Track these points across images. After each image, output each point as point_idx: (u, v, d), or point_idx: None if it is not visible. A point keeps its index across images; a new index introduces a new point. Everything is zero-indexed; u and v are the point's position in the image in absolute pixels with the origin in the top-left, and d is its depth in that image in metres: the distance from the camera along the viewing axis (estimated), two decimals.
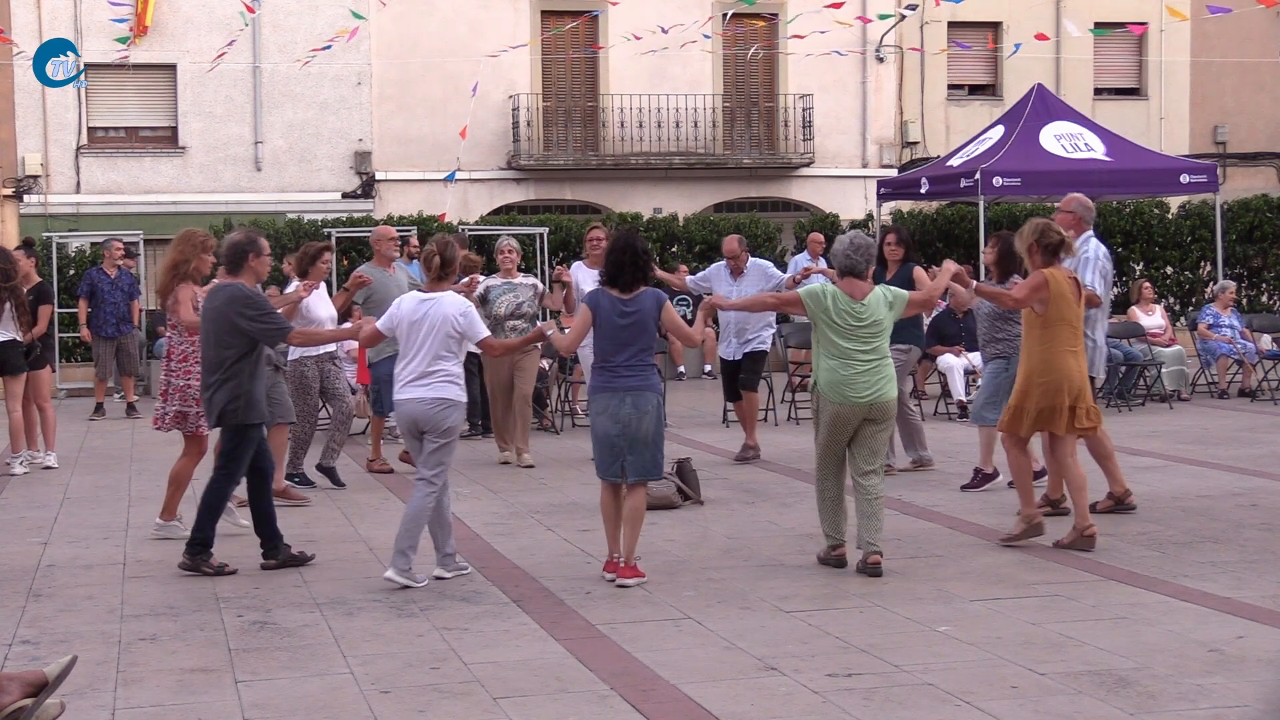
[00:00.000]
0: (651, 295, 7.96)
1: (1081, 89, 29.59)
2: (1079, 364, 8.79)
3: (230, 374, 8.33)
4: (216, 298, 8.47)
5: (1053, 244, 8.80)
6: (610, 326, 7.90)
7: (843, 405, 8.06)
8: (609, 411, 7.86)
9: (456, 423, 8.02)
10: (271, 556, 8.50)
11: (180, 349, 9.47)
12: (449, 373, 7.96)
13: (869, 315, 8.09)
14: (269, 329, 8.39)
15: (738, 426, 15.13)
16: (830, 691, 5.92)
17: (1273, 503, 10.22)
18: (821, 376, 8.13)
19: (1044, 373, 8.72)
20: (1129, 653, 6.41)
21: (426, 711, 5.78)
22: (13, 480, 12.26)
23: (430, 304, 8.00)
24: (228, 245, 8.68)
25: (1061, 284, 8.74)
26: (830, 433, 8.16)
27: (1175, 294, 23.69)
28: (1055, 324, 8.71)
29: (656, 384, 7.99)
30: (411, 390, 7.96)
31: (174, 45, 26.62)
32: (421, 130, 27.45)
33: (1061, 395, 8.69)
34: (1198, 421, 15.17)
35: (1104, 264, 9.74)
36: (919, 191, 20.83)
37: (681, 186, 28.49)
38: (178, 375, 9.47)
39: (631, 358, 7.88)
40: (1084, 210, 9.97)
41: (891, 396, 8.16)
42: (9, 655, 6.70)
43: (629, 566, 7.92)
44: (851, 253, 8.15)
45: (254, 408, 8.39)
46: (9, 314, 12.09)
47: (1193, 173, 19.92)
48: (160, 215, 25.63)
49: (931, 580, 7.92)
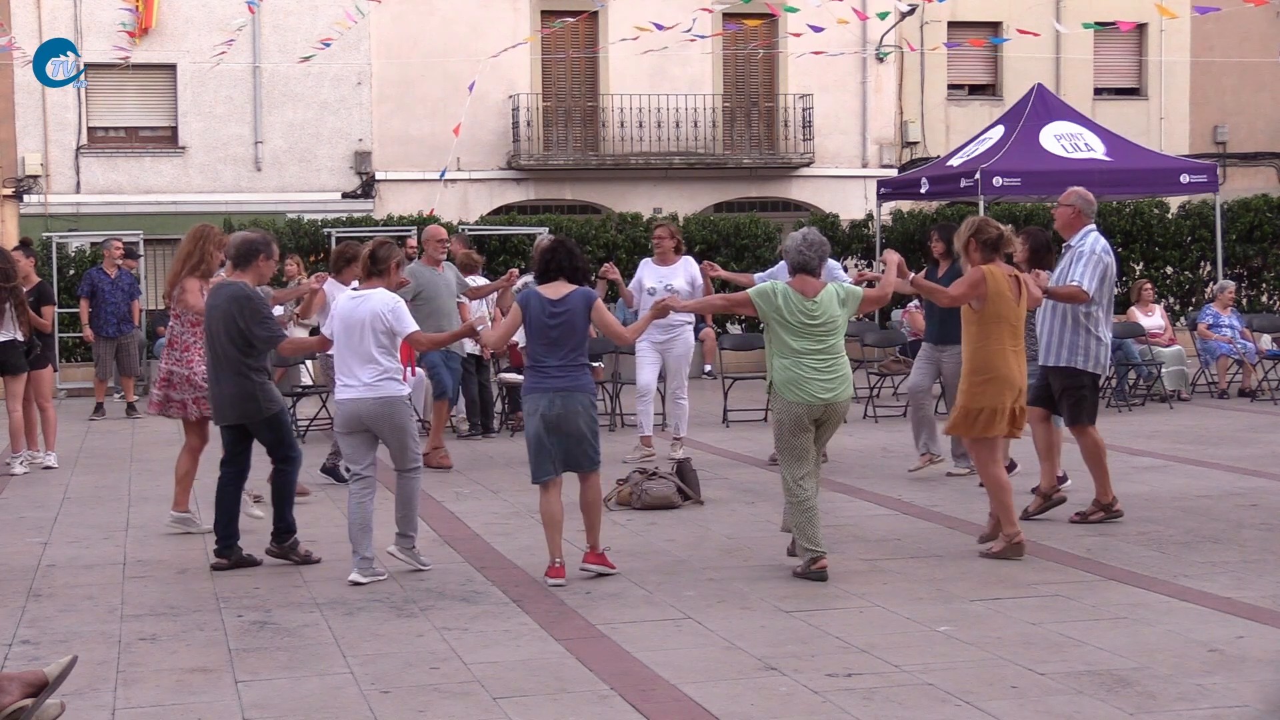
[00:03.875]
0: (580, 295, 7.96)
1: (1081, 89, 29.60)
2: (1019, 363, 8.62)
3: (238, 371, 8.45)
4: (219, 295, 8.54)
5: (990, 240, 8.61)
6: (540, 327, 7.93)
7: (798, 404, 7.94)
8: (539, 411, 7.90)
9: (403, 415, 8.16)
10: (224, 555, 8.51)
11: (183, 339, 9.55)
12: (386, 369, 8.09)
13: (822, 313, 7.99)
14: (264, 336, 8.47)
15: (738, 426, 15.16)
16: (830, 691, 5.92)
17: (1273, 503, 10.21)
18: (776, 376, 8.01)
19: (983, 371, 8.55)
20: (1129, 653, 6.41)
21: (426, 711, 5.78)
22: (13, 480, 12.26)
23: (360, 301, 8.15)
24: (240, 240, 8.78)
25: (1000, 281, 8.55)
26: (792, 432, 8.00)
27: (1175, 294, 23.69)
28: (992, 322, 8.53)
29: (587, 384, 7.99)
30: (352, 390, 8.11)
31: (174, 45, 26.63)
32: (421, 130, 27.46)
33: (1000, 395, 8.52)
34: (1198, 421, 15.16)
35: (1104, 259, 9.43)
36: (919, 191, 20.82)
37: (681, 186, 28.50)
38: (180, 364, 9.54)
39: (562, 358, 7.90)
40: (1084, 203, 9.66)
41: (847, 395, 8.05)
42: (9, 655, 6.70)
43: (596, 554, 8.05)
44: (805, 249, 8.05)
45: (271, 396, 8.58)
46: (9, 314, 12.21)
47: (1193, 173, 19.91)
48: (160, 215, 25.65)
49: (931, 580, 7.91)
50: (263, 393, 8.51)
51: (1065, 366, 9.44)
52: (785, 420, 8.02)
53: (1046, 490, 9.62)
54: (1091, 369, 9.48)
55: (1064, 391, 9.46)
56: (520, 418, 15.06)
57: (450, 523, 9.89)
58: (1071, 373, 9.43)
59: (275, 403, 8.60)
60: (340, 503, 10.79)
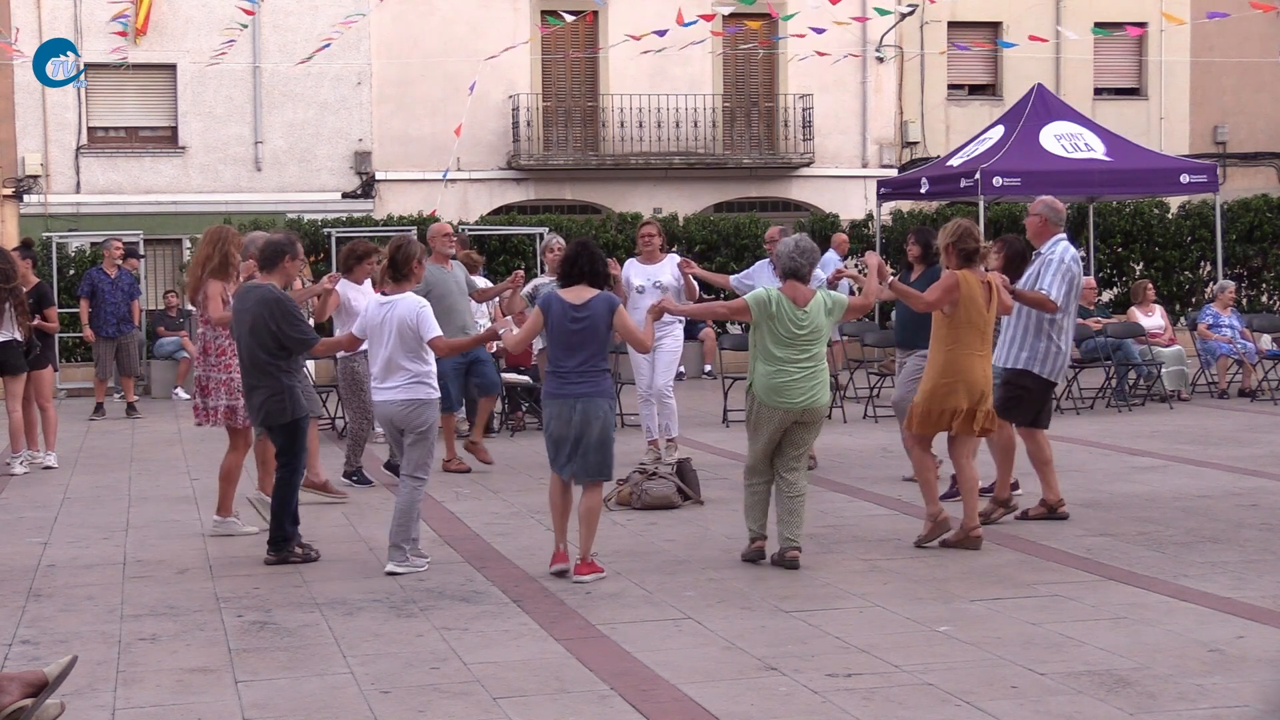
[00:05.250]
0: (603, 300, 7.97)
1: (1081, 89, 29.60)
2: (984, 368, 8.78)
3: (268, 373, 8.46)
4: (248, 299, 8.55)
5: (968, 251, 8.76)
6: (561, 331, 7.93)
7: (776, 410, 8.14)
8: (560, 417, 7.93)
9: (430, 420, 8.20)
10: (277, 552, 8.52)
11: (216, 344, 9.60)
12: (415, 373, 8.14)
13: (810, 322, 8.14)
14: (296, 339, 8.47)
15: (738, 426, 15.11)
16: (830, 691, 5.92)
17: (1273, 503, 10.22)
18: (757, 381, 8.19)
19: (945, 374, 8.71)
20: (1129, 653, 6.41)
21: (426, 711, 5.78)
22: (13, 480, 12.26)
23: (389, 307, 8.20)
24: (266, 242, 8.82)
25: (973, 287, 8.71)
26: (766, 436, 8.23)
27: (1175, 294, 23.69)
28: (962, 326, 8.68)
29: (607, 389, 8.03)
30: (384, 393, 8.20)
31: (174, 45, 26.63)
32: (421, 130, 27.46)
33: (959, 397, 8.69)
34: (1198, 421, 15.16)
35: (1071, 268, 9.50)
36: (919, 191, 20.82)
37: (681, 186, 28.50)
38: (218, 369, 9.59)
39: (583, 363, 7.91)
40: (1051, 212, 9.76)
41: (824, 401, 8.25)
42: (9, 655, 6.70)
43: (586, 563, 8.00)
44: (796, 255, 8.20)
45: (298, 403, 8.56)
46: (9, 314, 12.21)
47: (1193, 173, 19.90)
48: (160, 215, 25.66)
49: (931, 580, 7.92)
50: (291, 397, 8.49)
51: (1020, 369, 9.55)
52: (762, 424, 8.23)
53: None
54: (1047, 376, 9.58)
55: (1004, 385, 9.55)
56: (520, 418, 15.09)
57: (450, 523, 9.88)
58: (1021, 373, 9.56)
59: (302, 409, 8.58)
60: (341, 502, 10.80)
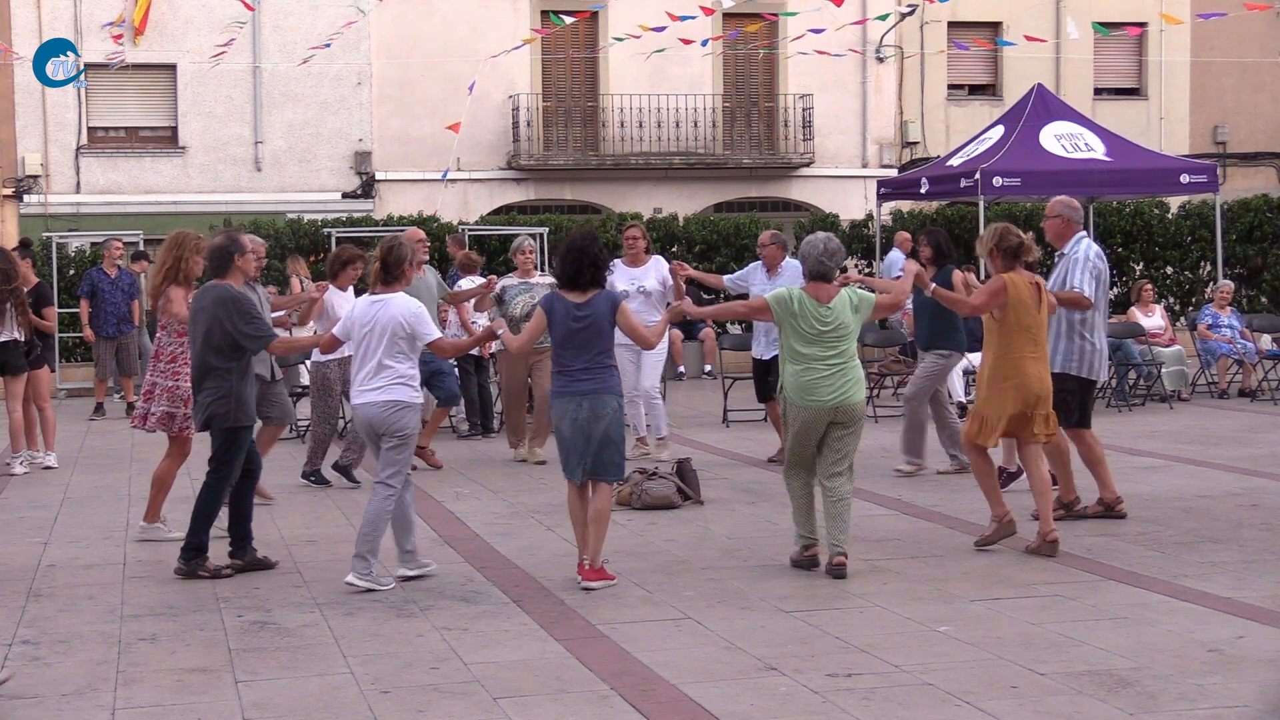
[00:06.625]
0: (605, 298, 7.94)
1: (1081, 89, 29.59)
2: (1040, 370, 8.71)
3: (218, 375, 8.26)
4: (205, 298, 8.39)
5: (1012, 247, 8.69)
6: (565, 331, 7.89)
7: (807, 409, 8.04)
8: (568, 416, 7.86)
9: (410, 424, 7.98)
10: (238, 557, 8.43)
11: (170, 350, 9.32)
12: (400, 374, 7.94)
13: (834, 319, 8.06)
14: (252, 335, 8.26)
15: (738, 426, 15.15)
16: (830, 691, 5.93)
17: (1273, 503, 10.22)
18: (787, 381, 8.12)
19: (1004, 379, 8.64)
20: (1129, 653, 6.41)
21: (426, 711, 5.78)
22: (13, 480, 12.26)
23: (379, 306, 8.01)
24: (210, 250, 8.58)
25: (1021, 289, 8.63)
26: (798, 437, 8.15)
27: (1175, 294, 23.69)
28: (1014, 331, 8.61)
29: (615, 386, 7.96)
30: (366, 394, 7.96)
31: (174, 45, 26.62)
32: (421, 130, 27.45)
33: (1014, 402, 8.62)
34: (1198, 421, 15.16)
35: (1096, 264, 9.54)
36: (919, 191, 20.81)
37: (681, 186, 28.49)
38: (165, 376, 9.32)
39: (589, 361, 7.86)
40: (1070, 211, 9.75)
41: (858, 399, 8.10)
42: (9, 655, 6.70)
43: (594, 569, 7.87)
44: (824, 258, 8.11)
45: (244, 409, 8.33)
46: (9, 314, 12.21)
47: (1193, 173, 19.89)
48: (160, 215, 25.61)
49: (931, 580, 7.92)
50: (238, 402, 8.27)
51: (1059, 373, 9.49)
52: (794, 423, 8.14)
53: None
54: (1086, 375, 9.55)
55: None
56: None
57: (450, 523, 9.88)
58: (1061, 376, 9.49)
59: (248, 417, 8.36)
60: (339, 502, 10.79)
